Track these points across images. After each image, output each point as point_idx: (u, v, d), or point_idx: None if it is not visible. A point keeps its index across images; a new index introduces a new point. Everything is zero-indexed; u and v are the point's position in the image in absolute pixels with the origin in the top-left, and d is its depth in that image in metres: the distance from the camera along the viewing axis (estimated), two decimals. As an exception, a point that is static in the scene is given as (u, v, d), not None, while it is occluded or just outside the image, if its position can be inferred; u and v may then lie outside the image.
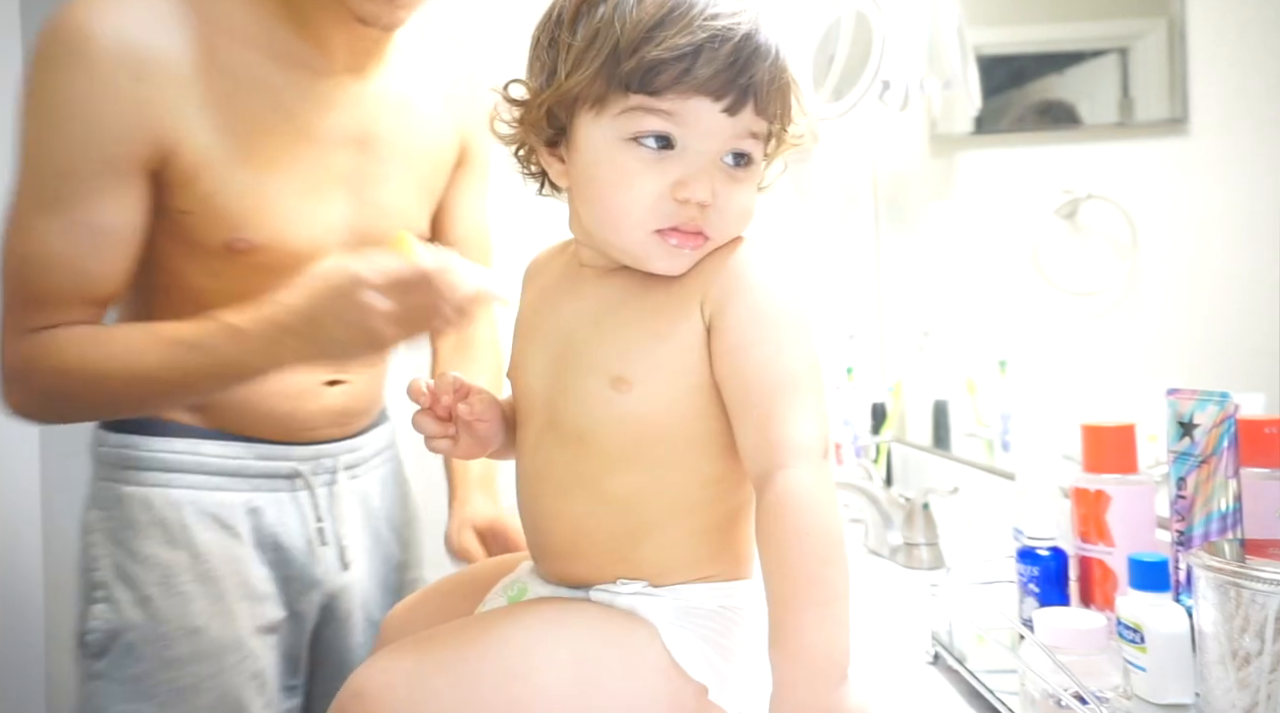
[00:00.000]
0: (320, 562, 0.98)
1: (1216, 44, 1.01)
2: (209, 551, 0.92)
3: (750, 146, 0.63)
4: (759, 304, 0.63)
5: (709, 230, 0.63)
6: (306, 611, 0.99)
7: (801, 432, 0.60)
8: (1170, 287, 1.08)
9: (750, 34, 0.61)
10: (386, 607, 1.01)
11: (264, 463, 0.96)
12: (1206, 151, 1.03)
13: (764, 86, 0.62)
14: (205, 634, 0.91)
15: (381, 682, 0.62)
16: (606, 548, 0.67)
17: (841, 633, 0.58)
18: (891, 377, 1.73)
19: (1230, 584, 0.58)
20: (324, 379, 0.97)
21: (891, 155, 1.75)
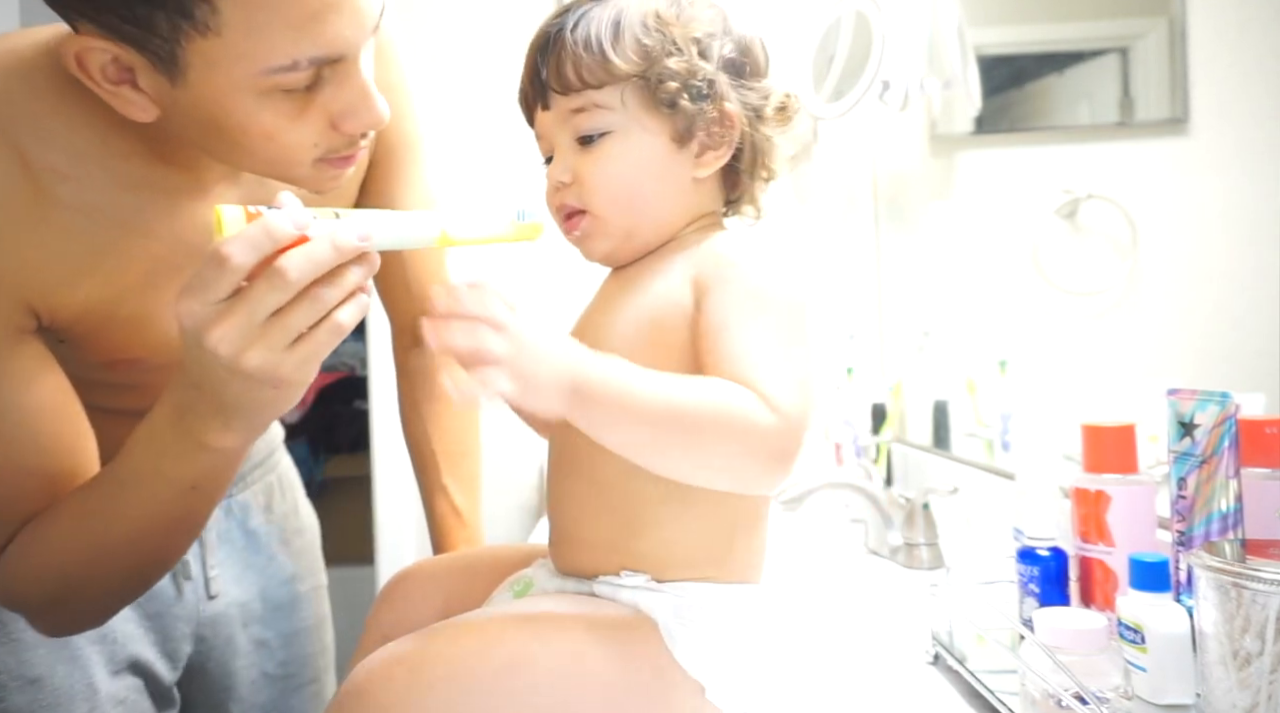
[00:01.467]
0: (183, 595, 0.90)
1: (1216, 44, 1.01)
2: None
3: (585, 123, 0.68)
4: (740, 285, 0.64)
5: (582, 205, 0.70)
6: (177, 645, 0.91)
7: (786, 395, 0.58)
8: (1170, 287, 1.08)
9: (543, 34, 0.70)
10: (279, 622, 0.98)
11: None
12: (1206, 151, 1.03)
13: (552, 73, 0.69)
14: (45, 684, 0.82)
15: (382, 676, 0.62)
16: (606, 535, 0.69)
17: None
18: (891, 377, 1.73)
19: (1231, 585, 0.58)
20: None
21: (891, 155, 1.75)
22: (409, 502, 1.80)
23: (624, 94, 0.68)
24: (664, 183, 0.70)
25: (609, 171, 0.69)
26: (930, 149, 1.64)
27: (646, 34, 0.68)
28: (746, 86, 0.71)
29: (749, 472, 0.59)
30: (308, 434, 2.84)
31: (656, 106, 0.68)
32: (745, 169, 0.73)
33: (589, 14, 0.69)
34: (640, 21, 0.68)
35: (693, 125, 0.69)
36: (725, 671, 0.65)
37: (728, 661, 0.65)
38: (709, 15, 0.71)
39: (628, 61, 0.67)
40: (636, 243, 0.72)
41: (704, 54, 0.69)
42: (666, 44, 0.68)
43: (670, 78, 0.67)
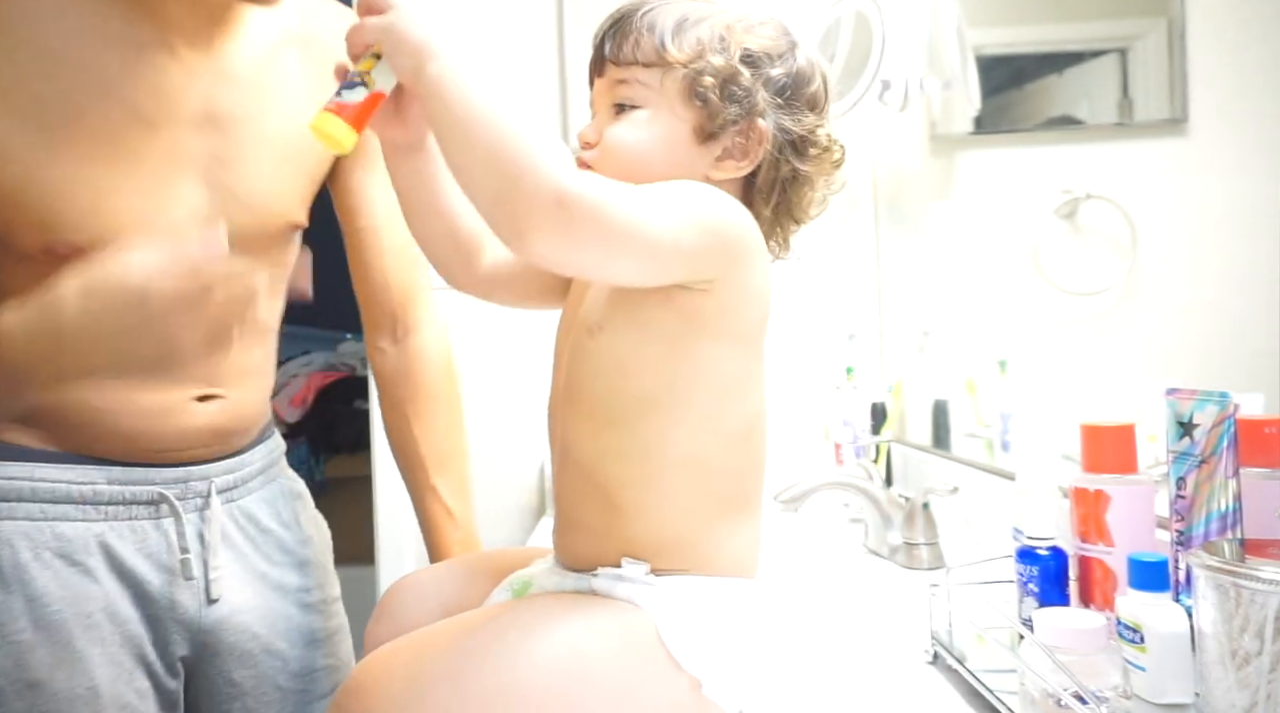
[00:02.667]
0: (184, 597, 0.87)
1: (1216, 44, 1.01)
2: (48, 592, 0.80)
3: (625, 93, 0.73)
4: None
5: (593, 163, 0.73)
6: (177, 650, 0.88)
7: (599, 181, 0.61)
8: (1169, 287, 1.08)
9: (618, 10, 0.74)
10: (289, 633, 0.95)
11: (119, 488, 0.84)
12: (1206, 152, 1.03)
13: (614, 42, 0.73)
14: (46, 689, 0.79)
15: (380, 676, 0.62)
16: (596, 520, 0.70)
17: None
18: (891, 377, 1.73)
19: (1230, 584, 0.58)
20: (194, 394, 0.86)
21: (891, 155, 1.75)
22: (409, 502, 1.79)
23: (665, 78, 0.71)
24: (674, 169, 0.71)
25: (628, 139, 0.72)
26: (930, 149, 1.64)
27: (705, 33, 0.71)
28: (788, 113, 0.73)
29: (514, 205, 0.59)
30: (308, 434, 2.84)
31: (690, 97, 0.71)
32: (761, 191, 0.74)
33: (666, 5, 0.73)
34: (706, 24, 0.72)
35: (718, 125, 0.71)
36: (722, 666, 0.65)
37: (724, 656, 0.65)
38: (774, 36, 0.74)
39: (680, 50, 0.71)
40: None
41: (752, 65, 0.72)
42: (719, 44, 0.71)
43: (710, 73, 0.70)
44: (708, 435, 0.68)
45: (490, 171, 0.60)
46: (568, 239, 0.59)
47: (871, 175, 1.80)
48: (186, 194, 0.83)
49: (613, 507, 0.69)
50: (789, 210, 0.76)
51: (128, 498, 0.84)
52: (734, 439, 0.70)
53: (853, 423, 1.56)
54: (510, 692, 0.61)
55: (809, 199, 0.76)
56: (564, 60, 1.78)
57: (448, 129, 0.62)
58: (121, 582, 0.84)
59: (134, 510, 0.85)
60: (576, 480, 0.72)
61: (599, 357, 0.70)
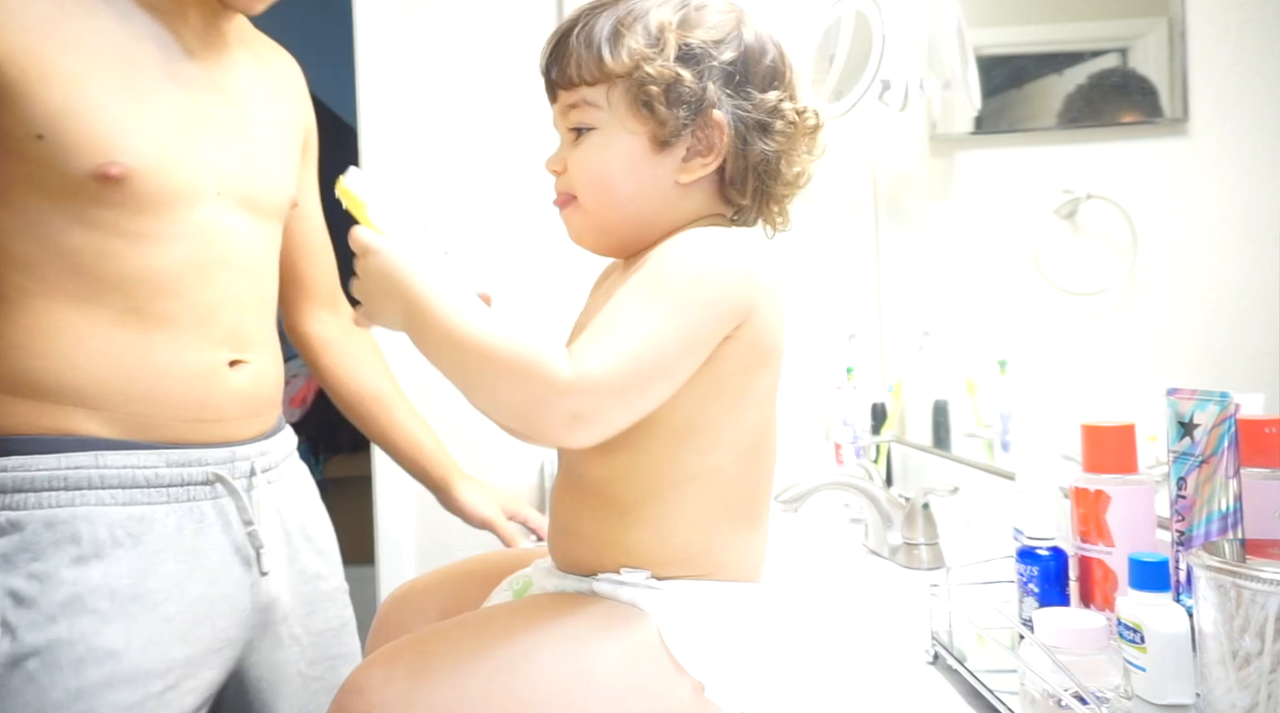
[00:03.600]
0: (250, 572, 0.92)
1: (1216, 44, 1.00)
2: (125, 567, 0.84)
3: (577, 118, 0.72)
4: (648, 267, 0.65)
5: (570, 190, 0.73)
6: (231, 631, 0.91)
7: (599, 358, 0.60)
8: (1170, 287, 1.08)
9: (556, 31, 0.73)
10: (308, 619, 0.99)
11: (179, 470, 0.89)
12: (1206, 151, 1.03)
13: (557, 67, 0.72)
14: (124, 657, 0.81)
15: (381, 676, 0.62)
16: (599, 528, 0.69)
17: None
18: (891, 377, 1.73)
19: (1230, 584, 0.58)
20: (227, 357, 0.92)
21: (891, 155, 1.75)
22: (409, 502, 1.80)
23: (611, 93, 0.70)
24: (642, 184, 0.70)
25: (588, 165, 0.71)
26: (930, 149, 1.64)
27: (641, 38, 0.69)
28: (744, 97, 0.70)
29: (535, 415, 0.60)
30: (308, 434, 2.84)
31: (638, 108, 0.69)
32: (734, 182, 0.72)
33: (600, 14, 0.71)
34: (641, 26, 0.69)
35: (671, 131, 0.69)
36: (724, 668, 0.65)
37: (727, 659, 0.65)
38: (716, 22, 0.71)
39: (618, 62, 0.69)
40: (614, 238, 0.73)
41: (695, 61, 0.69)
42: (656, 47, 0.69)
43: (652, 81, 0.68)
44: (720, 451, 0.68)
45: (499, 406, 0.61)
46: (599, 425, 0.60)
47: (871, 175, 1.80)
48: (208, 155, 0.90)
49: (616, 519, 0.68)
50: (771, 190, 0.74)
51: (186, 479, 0.89)
52: (745, 452, 0.69)
53: (853, 423, 1.56)
54: (513, 694, 0.61)
55: (791, 175, 0.74)
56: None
57: (443, 370, 0.63)
58: (188, 560, 0.88)
59: (192, 492, 0.89)
60: (579, 492, 0.71)
61: None
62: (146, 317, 0.86)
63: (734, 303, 0.64)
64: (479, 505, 1.13)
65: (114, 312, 0.85)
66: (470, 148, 1.81)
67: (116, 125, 0.83)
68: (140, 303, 0.86)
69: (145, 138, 0.84)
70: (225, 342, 0.92)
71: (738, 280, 0.65)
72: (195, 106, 0.90)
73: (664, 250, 0.66)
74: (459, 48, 1.82)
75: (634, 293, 0.63)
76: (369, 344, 1.17)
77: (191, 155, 0.89)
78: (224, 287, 0.91)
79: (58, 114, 0.80)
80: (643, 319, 0.62)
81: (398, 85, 1.80)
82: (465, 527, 1.21)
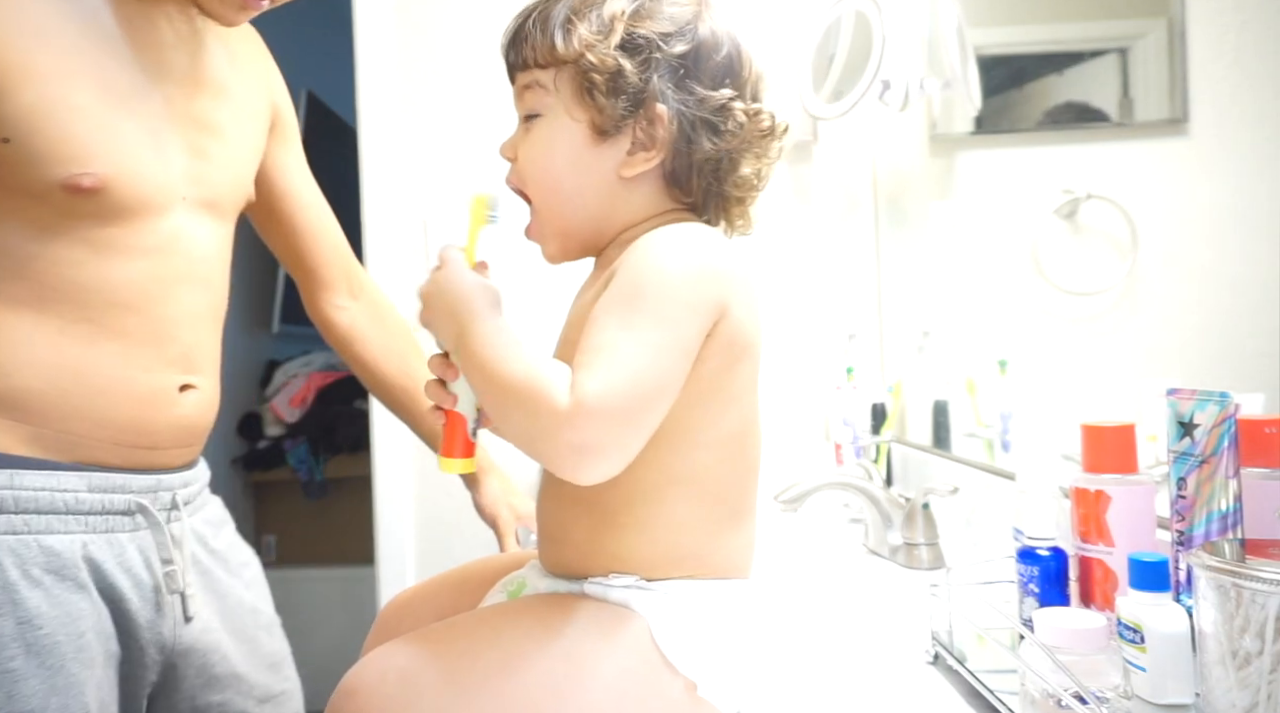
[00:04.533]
0: (162, 615, 0.84)
1: (1216, 44, 1.00)
2: (40, 613, 0.75)
3: (530, 101, 0.71)
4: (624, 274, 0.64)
5: (520, 185, 0.73)
6: (148, 674, 0.85)
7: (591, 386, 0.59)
8: (1170, 287, 1.08)
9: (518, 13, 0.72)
10: (250, 655, 0.94)
11: (100, 496, 0.81)
12: (1206, 151, 1.03)
13: (514, 49, 0.71)
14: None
15: (375, 678, 0.62)
16: (587, 534, 0.69)
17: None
18: (891, 377, 1.73)
19: (1230, 584, 0.58)
20: (178, 381, 0.86)
21: (891, 155, 1.75)
22: (409, 502, 1.80)
23: (558, 78, 0.69)
24: (584, 175, 0.70)
25: (534, 153, 0.71)
26: (930, 149, 1.64)
27: (593, 25, 0.68)
28: (690, 92, 0.68)
29: (542, 449, 0.60)
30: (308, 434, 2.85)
31: (582, 95, 0.68)
32: (678, 178, 0.70)
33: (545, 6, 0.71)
34: (595, 13, 0.69)
35: (611, 120, 0.68)
36: (717, 667, 0.65)
37: (719, 657, 0.65)
38: (670, 14, 0.69)
39: (568, 48, 0.68)
40: (576, 241, 0.73)
41: (640, 51, 0.68)
42: (606, 35, 0.68)
43: (594, 69, 0.67)
44: (701, 450, 0.67)
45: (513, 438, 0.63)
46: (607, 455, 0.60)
47: (871, 175, 1.80)
48: (180, 159, 0.86)
49: (603, 524, 0.68)
50: (723, 190, 0.72)
51: (107, 507, 0.81)
52: (727, 450, 0.69)
53: (853, 423, 1.56)
54: (506, 697, 0.61)
55: (743, 178, 0.72)
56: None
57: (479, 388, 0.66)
58: (104, 598, 0.81)
59: (111, 522, 0.82)
60: (564, 499, 0.70)
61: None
62: (99, 329, 0.80)
63: (710, 301, 0.64)
64: (491, 504, 1.11)
65: (61, 321, 0.78)
66: (470, 148, 1.81)
67: (91, 131, 0.76)
68: (94, 314, 0.79)
69: (120, 144, 0.78)
70: (178, 362, 0.86)
71: (711, 278, 0.64)
72: (170, 106, 0.84)
73: (633, 259, 0.64)
74: (459, 48, 1.82)
75: (613, 310, 0.62)
76: (400, 331, 1.12)
77: (165, 161, 0.83)
78: (183, 302, 0.86)
79: (28, 116, 0.73)
80: (628, 337, 0.61)
81: (398, 85, 1.80)
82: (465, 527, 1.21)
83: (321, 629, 2.40)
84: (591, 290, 0.71)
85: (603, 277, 0.69)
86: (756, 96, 0.72)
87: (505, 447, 0.95)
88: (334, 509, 2.89)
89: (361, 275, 1.12)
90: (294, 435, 2.87)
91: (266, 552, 2.97)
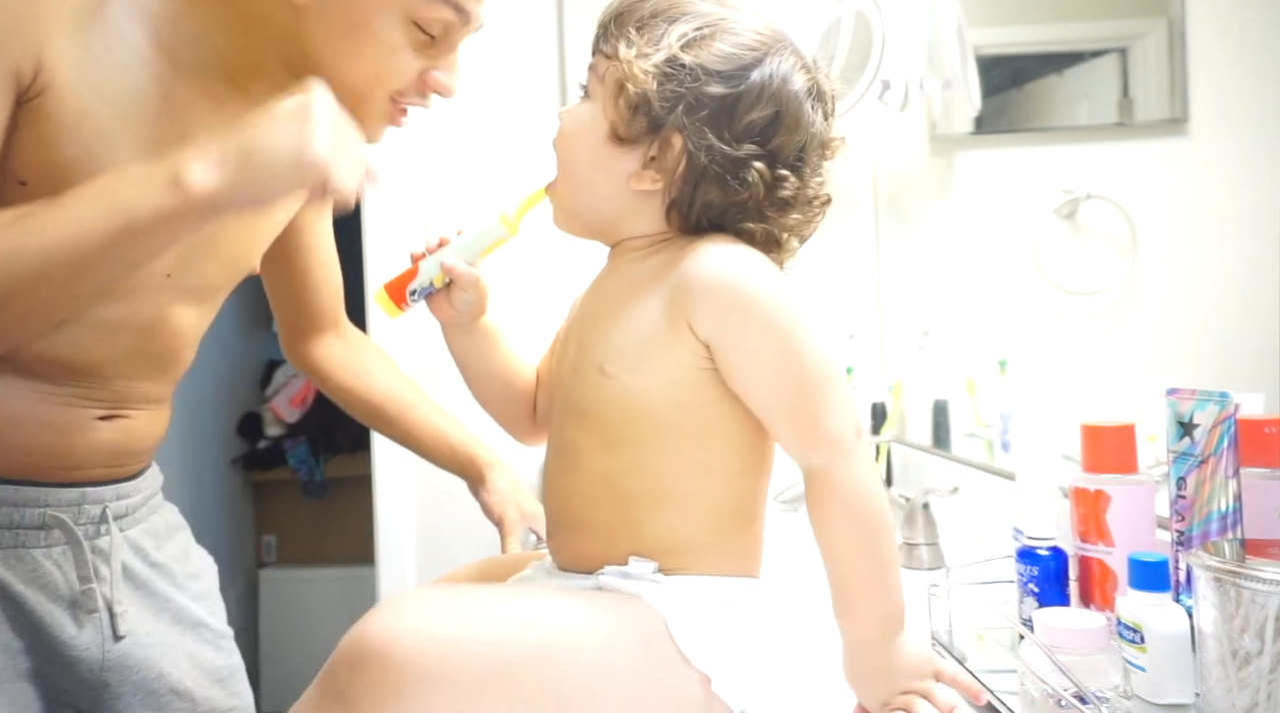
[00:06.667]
0: (85, 633, 0.81)
1: (1216, 44, 1.00)
2: None
3: (590, 79, 0.73)
4: (757, 319, 0.66)
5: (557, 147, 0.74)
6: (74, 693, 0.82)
7: (836, 423, 0.65)
8: (1170, 287, 1.08)
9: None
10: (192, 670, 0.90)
11: (9, 510, 0.77)
12: (1206, 151, 1.03)
13: (599, 26, 0.72)
14: None
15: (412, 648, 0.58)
16: (609, 522, 0.69)
17: (898, 592, 0.66)
18: (891, 377, 1.73)
19: (1230, 584, 0.58)
20: (97, 414, 0.81)
21: (891, 155, 1.75)
22: (409, 502, 1.80)
23: (608, 72, 0.70)
24: (598, 170, 0.71)
25: (568, 128, 0.73)
26: (930, 149, 1.64)
27: (653, 36, 0.68)
28: (710, 137, 0.66)
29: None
30: (308, 434, 2.84)
31: (615, 98, 0.69)
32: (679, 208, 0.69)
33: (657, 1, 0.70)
34: (664, 25, 0.68)
35: (630, 131, 0.68)
36: (730, 662, 0.65)
37: (732, 653, 0.65)
38: (726, 53, 0.67)
39: (628, 46, 0.68)
40: (580, 223, 0.74)
41: (675, 80, 0.66)
42: (655, 48, 0.67)
43: (629, 79, 0.67)
44: (722, 448, 0.69)
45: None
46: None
47: (871, 175, 1.80)
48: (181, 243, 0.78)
49: (626, 508, 0.68)
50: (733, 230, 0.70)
51: (15, 521, 0.78)
52: (746, 448, 0.70)
53: (853, 423, 1.56)
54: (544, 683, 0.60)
55: (747, 232, 0.70)
56: (564, 55, 1.78)
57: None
58: (8, 613, 0.78)
59: (21, 537, 0.78)
60: (586, 484, 0.70)
61: (612, 390, 0.68)
62: (13, 366, 0.76)
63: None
64: (499, 502, 1.10)
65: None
66: (470, 148, 1.81)
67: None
68: (20, 361, 0.75)
69: None
70: (101, 401, 0.81)
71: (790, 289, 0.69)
72: None
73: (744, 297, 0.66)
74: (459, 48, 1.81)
75: (772, 357, 0.66)
76: (375, 353, 1.12)
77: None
78: (127, 362, 0.81)
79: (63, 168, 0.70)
80: (808, 362, 0.66)
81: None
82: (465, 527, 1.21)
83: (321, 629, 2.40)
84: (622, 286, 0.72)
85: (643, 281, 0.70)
86: (793, 163, 0.69)
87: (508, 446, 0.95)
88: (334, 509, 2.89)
89: (342, 313, 1.11)
90: (294, 435, 2.87)
91: (266, 552, 2.97)
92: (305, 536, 2.95)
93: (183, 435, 2.31)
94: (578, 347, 0.73)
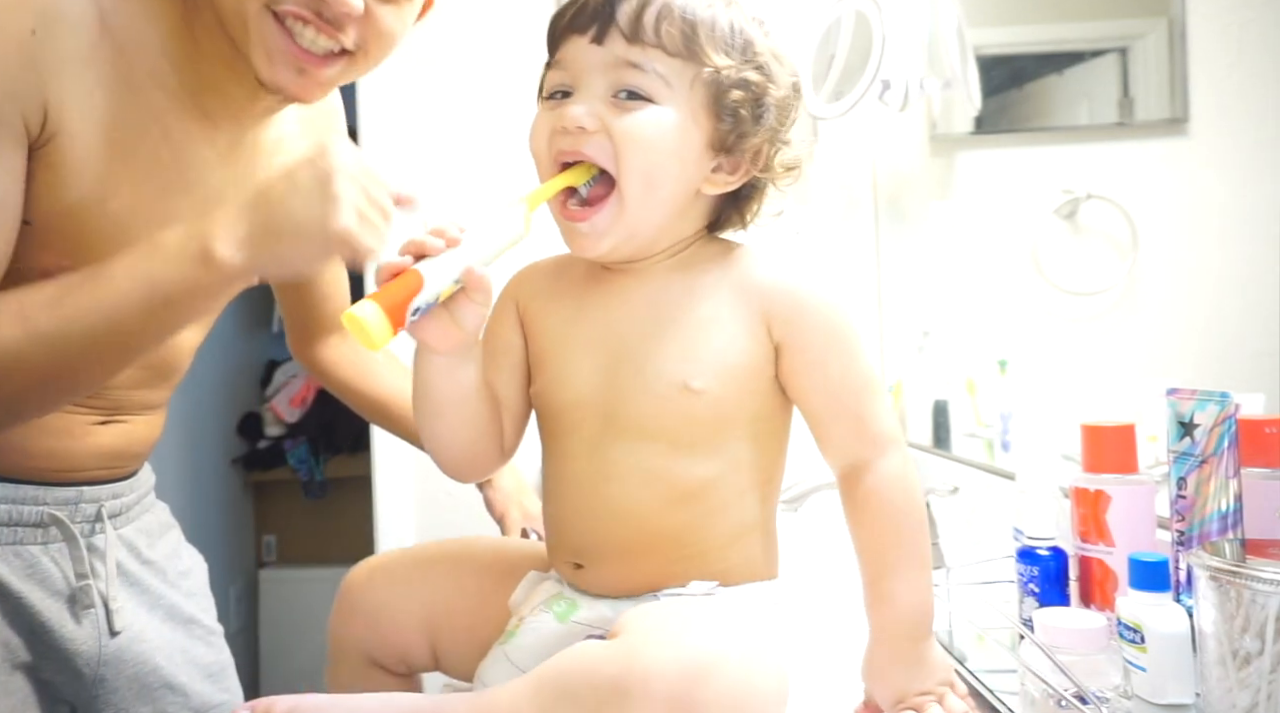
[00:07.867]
0: (82, 628, 0.83)
1: (1216, 44, 1.01)
2: None
3: (633, 80, 0.64)
4: (827, 323, 0.68)
5: (606, 160, 0.65)
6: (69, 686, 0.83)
7: (887, 424, 0.68)
8: (1170, 287, 1.08)
9: None
10: (185, 665, 0.92)
11: (7, 507, 0.79)
12: (1206, 151, 1.03)
13: (627, 16, 0.64)
14: None
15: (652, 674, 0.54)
16: (679, 541, 0.68)
17: (930, 592, 0.67)
18: (891, 377, 1.73)
19: (1230, 584, 0.58)
20: (95, 419, 0.83)
21: (891, 155, 1.75)
22: (409, 502, 1.80)
23: (694, 79, 0.65)
24: (679, 183, 0.67)
25: (642, 138, 0.64)
26: (930, 149, 1.64)
27: (740, 35, 0.66)
28: (784, 133, 0.70)
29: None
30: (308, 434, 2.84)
31: (715, 107, 0.65)
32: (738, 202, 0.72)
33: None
34: (742, 22, 0.67)
35: (738, 143, 0.67)
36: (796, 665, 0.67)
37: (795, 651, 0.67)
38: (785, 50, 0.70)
39: (714, 49, 0.65)
40: (633, 244, 0.69)
41: (772, 82, 0.68)
42: (754, 56, 0.67)
43: (742, 87, 0.65)
44: (776, 453, 0.72)
45: None
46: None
47: (871, 175, 1.80)
48: None
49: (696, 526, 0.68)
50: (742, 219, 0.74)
51: (14, 519, 0.79)
52: (784, 451, 0.73)
53: (853, 423, 1.56)
54: (750, 693, 0.58)
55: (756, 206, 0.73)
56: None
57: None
58: (5, 608, 0.79)
59: (19, 534, 0.80)
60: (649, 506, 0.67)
61: (696, 407, 0.67)
62: None
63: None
64: (503, 500, 1.10)
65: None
66: (470, 148, 1.81)
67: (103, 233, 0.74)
68: None
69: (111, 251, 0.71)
70: (100, 408, 0.83)
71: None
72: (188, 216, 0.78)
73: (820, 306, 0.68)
74: (459, 48, 1.81)
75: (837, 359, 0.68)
76: (381, 352, 1.11)
77: None
78: (126, 373, 0.80)
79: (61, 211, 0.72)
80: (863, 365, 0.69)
81: (398, 85, 1.80)
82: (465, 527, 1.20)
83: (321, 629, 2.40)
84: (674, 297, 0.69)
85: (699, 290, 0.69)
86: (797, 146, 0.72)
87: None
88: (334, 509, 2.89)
89: None
90: (294, 435, 2.87)
91: (266, 552, 2.97)
92: (305, 535, 2.95)
93: (182, 435, 2.31)
94: (636, 366, 0.68)
